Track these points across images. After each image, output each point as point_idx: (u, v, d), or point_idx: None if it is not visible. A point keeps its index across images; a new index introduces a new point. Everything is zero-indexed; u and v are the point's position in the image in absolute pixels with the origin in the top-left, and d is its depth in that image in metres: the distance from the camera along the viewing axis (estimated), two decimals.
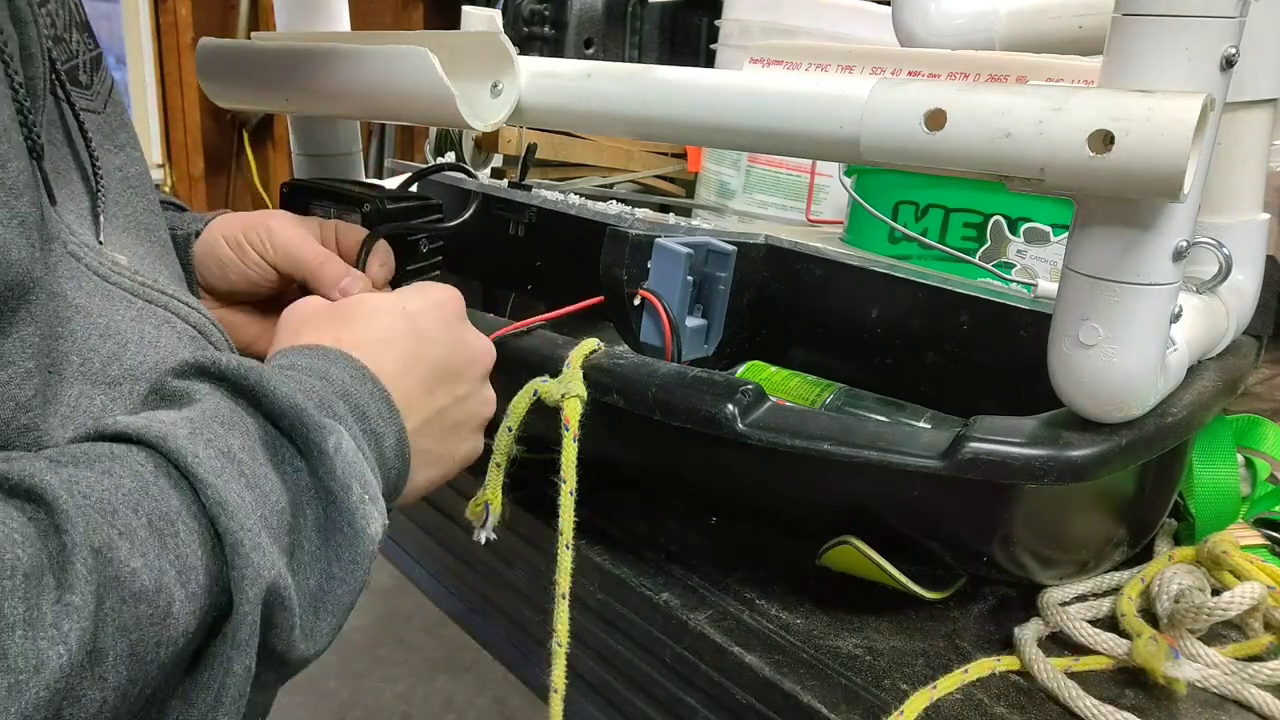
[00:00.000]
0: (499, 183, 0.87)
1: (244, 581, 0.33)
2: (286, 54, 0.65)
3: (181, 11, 2.82)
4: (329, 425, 0.39)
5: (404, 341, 0.47)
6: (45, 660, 0.28)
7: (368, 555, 0.39)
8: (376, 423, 0.43)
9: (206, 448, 0.35)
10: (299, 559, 0.37)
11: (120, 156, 0.51)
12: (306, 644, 0.37)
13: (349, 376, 0.43)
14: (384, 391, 0.44)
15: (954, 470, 0.46)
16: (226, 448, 0.36)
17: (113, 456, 0.34)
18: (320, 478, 0.38)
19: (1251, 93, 0.54)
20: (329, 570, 0.38)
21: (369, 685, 1.99)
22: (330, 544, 0.38)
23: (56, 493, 0.31)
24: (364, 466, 0.40)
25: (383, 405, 0.43)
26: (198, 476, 0.34)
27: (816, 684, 0.49)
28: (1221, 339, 0.57)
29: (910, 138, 0.45)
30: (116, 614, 0.30)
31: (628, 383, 0.53)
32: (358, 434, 0.41)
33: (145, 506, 0.33)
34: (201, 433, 0.36)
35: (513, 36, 1.24)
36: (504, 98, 0.61)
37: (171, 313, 0.47)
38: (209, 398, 0.38)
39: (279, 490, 0.37)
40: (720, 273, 0.66)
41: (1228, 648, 0.52)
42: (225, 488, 0.34)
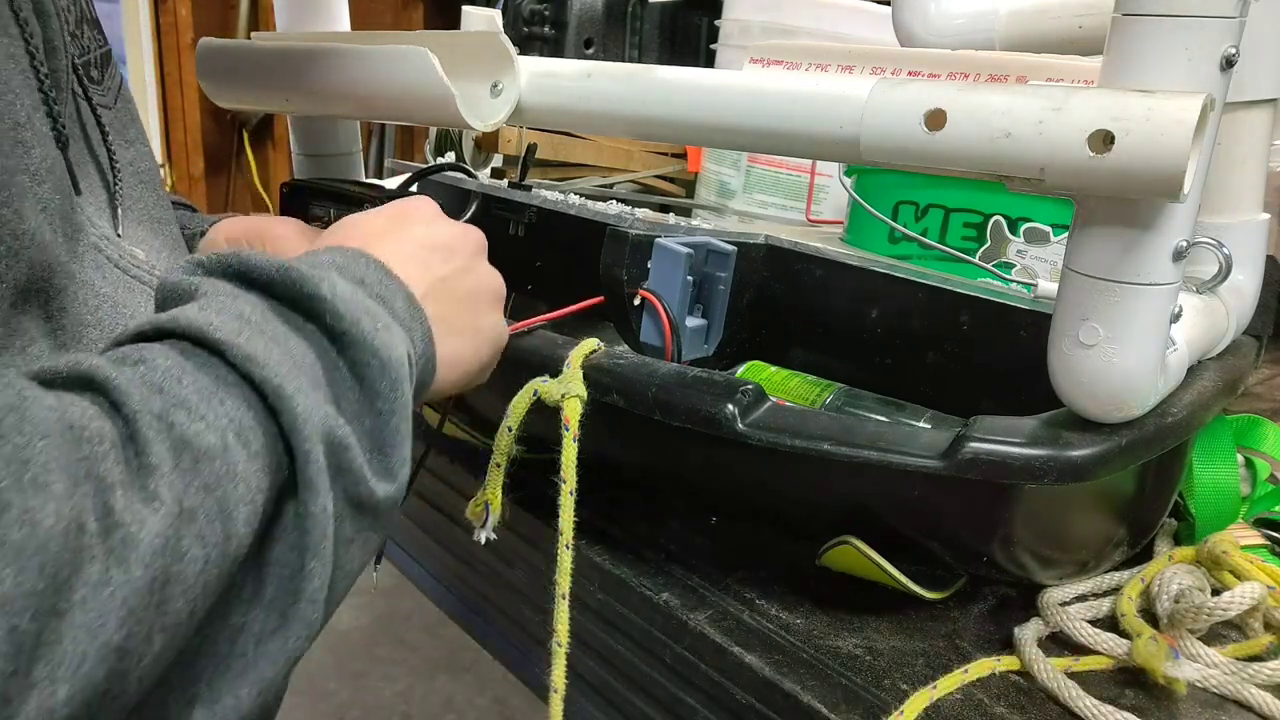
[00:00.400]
0: (499, 183, 0.87)
1: (297, 422, 0.34)
2: (286, 54, 0.65)
3: (181, 11, 2.82)
4: (318, 275, 0.38)
5: (389, 233, 0.47)
6: (146, 518, 0.29)
7: (404, 379, 0.39)
8: (377, 288, 0.42)
9: (219, 315, 0.35)
10: (346, 409, 0.37)
11: (131, 151, 0.52)
12: (383, 481, 0.37)
13: (341, 257, 0.43)
14: (379, 262, 0.43)
15: (954, 470, 0.46)
16: (239, 312, 0.36)
17: (138, 350, 0.34)
18: (330, 326, 0.38)
19: (1251, 93, 0.54)
20: (375, 407, 0.38)
21: (369, 685, 1.99)
22: (366, 383, 0.38)
23: (107, 373, 0.31)
24: (365, 299, 0.40)
25: (380, 273, 0.43)
26: (221, 340, 0.34)
27: (816, 684, 0.49)
28: (1221, 339, 0.57)
29: (910, 138, 0.45)
30: (194, 473, 0.31)
31: (628, 383, 0.53)
32: (350, 280, 0.41)
33: (186, 380, 0.33)
34: (211, 306, 0.36)
35: (513, 36, 1.24)
36: (504, 98, 0.61)
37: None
38: (205, 284, 0.38)
39: (303, 347, 0.37)
40: (720, 273, 0.66)
41: (1228, 648, 0.52)
42: (249, 344, 0.34)
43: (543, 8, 1.52)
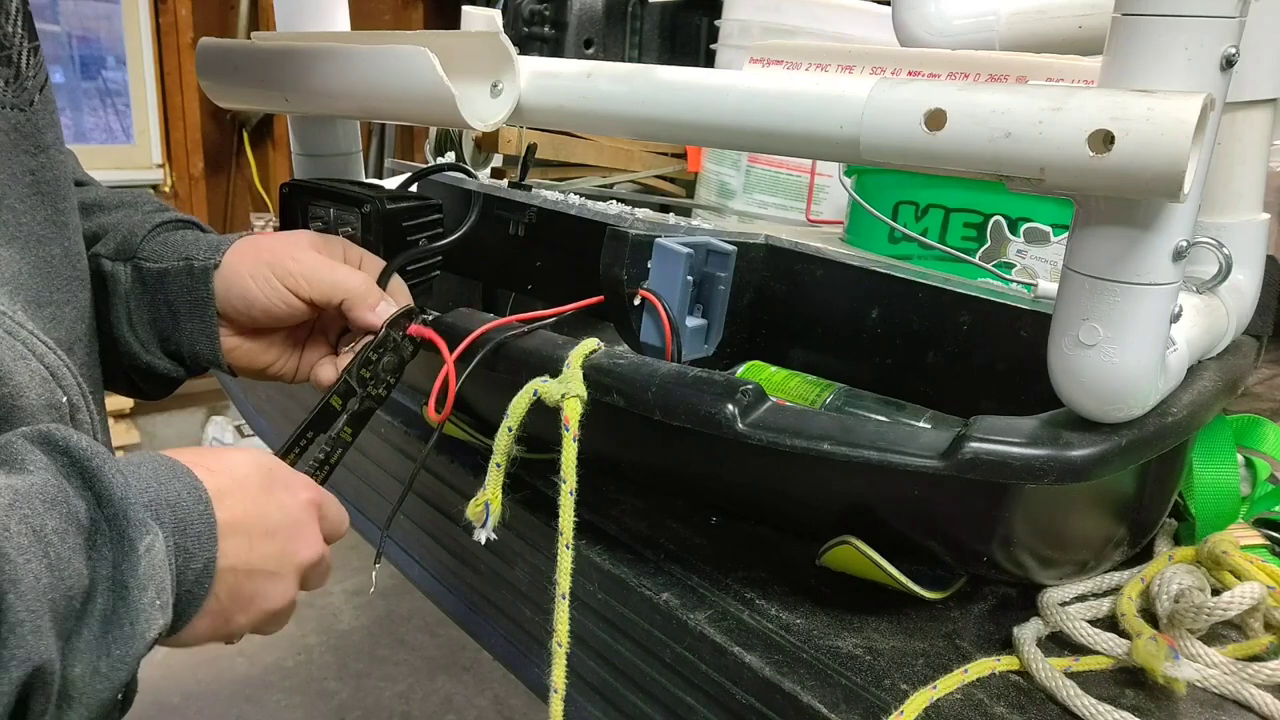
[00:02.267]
0: (499, 183, 0.87)
1: (12, 662, 0.34)
2: (286, 54, 0.65)
3: (181, 11, 2.82)
4: (149, 525, 0.39)
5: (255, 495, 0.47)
6: None
7: (135, 658, 0.39)
8: (192, 542, 0.43)
9: (20, 524, 0.35)
10: (74, 645, 0.37)
11: (39, 159, 0.50)
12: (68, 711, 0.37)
13: (186, 492, 0.43)
14: (211, 519, 0.44)
15: (954, 470, 0.46)
16: (40, 527, 0.36)
17: None
18: (121, 571, 0.38)
19: (1251, 93, 0.54)
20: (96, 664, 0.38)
21: (369, 685, 1.99)
22: (108, 637, 0.38)
23: None
24: (166, 574, 0.40)
25: (205, 530, 0.43)
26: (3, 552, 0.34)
27: (816, 684, 0.49)
28: (1221, 339, 0.57)
29: (910, 138, 0.45)
30: None
31: (628, 383, 0.53)
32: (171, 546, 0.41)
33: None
34: (19, 507, 0.36)
35: (513, 36, 1.24)
36: (504, 98, 0.61)
37: (28, 349, 0.46)
38: (42, 471, 0.38)
39: (81, 574, 0.37)
40: (720, 273, 0.66)
41: (1228, 648, 0.52)
42: (24, 566, 0.34)
43: (543, 8, 1.51)
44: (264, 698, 1.94)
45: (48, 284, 0.51)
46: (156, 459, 0.44)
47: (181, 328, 0.61)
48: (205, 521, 0.43)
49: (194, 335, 0.61)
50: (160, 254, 0.61)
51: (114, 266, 0.61)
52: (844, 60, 0.88)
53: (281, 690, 1.97)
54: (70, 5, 2.83)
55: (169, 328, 0.61)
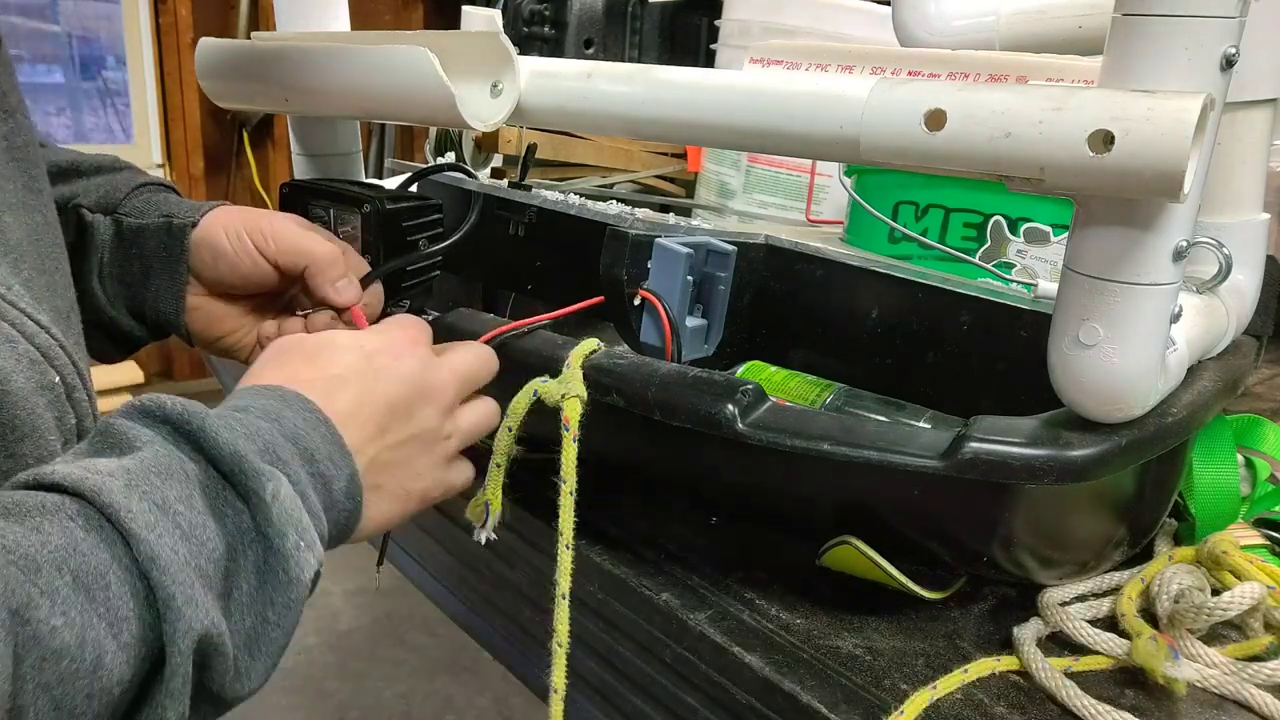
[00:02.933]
0: (499, 183, 0.87)
1: (176, 634, 0.34)
2: (286, 54, 0.65)
3: (181, 11, 2.82)
4: (267, 472, 0.39)
5: (357, 380, 0.47)
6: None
7: (300, 600, 0.39)
8: (326, 465, 0.43)
9: (141, 500, 0.35)
10: (236, 600, 0.38)
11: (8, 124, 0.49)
12: (241, 684, 0.37)
13: (301, 420, 0.43)
14: (336, 434, 0.44)
15: (954, 470, 0.46)
16: (162, 500, 0.36)
17: (43, 511, 0.34)
18: (258, 522, 0.38)
19: (1251, 93, 0.54)
20: (263, 614, 0.38)
21: (369, 685, 1.99)
22: (265, 587, 0.38)
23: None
24: (301, 513, 0.40)
25: (334, 449, 0.44)
26: (130, 531, 0.34)
27: (816, 684, 0.49)
28: (1221, 339, 0.57)
29: (910, 138, 0.45)
30: (36, 672, 0.31)
31: (628, 383, 0.53)
32: (304, 478, 0.41)
33: (72, 563, 0.33)
34: (138, 484, 0.36)
35: (513, 36, 1.24)
36: (504, 98, 0.61)
37: (18, 330, 0.45)
38: (150, 445, 0.38)
39: (216, 536, 0.37)
40: (720, 273, 0.66)
41: (1228, 648, 0.52)
42: (158, 542, 0.34)
43: (543, 8, 1.51)
44: (264, 698, 1.94)
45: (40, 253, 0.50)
46: (262, 393, 0.44)
47: (150, 285, 0.61)
48: (331, 441, 0.44)
49: (160, 293, 0.61)
50: (142, 210, 0.61)
51: (94, 218, 0.61)
52: (844, 60, 0.88)
53: (281, 690, 1.97)
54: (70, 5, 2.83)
55: (138, 285, 0.61)
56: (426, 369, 0.51)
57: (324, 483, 0.43)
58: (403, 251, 0.67)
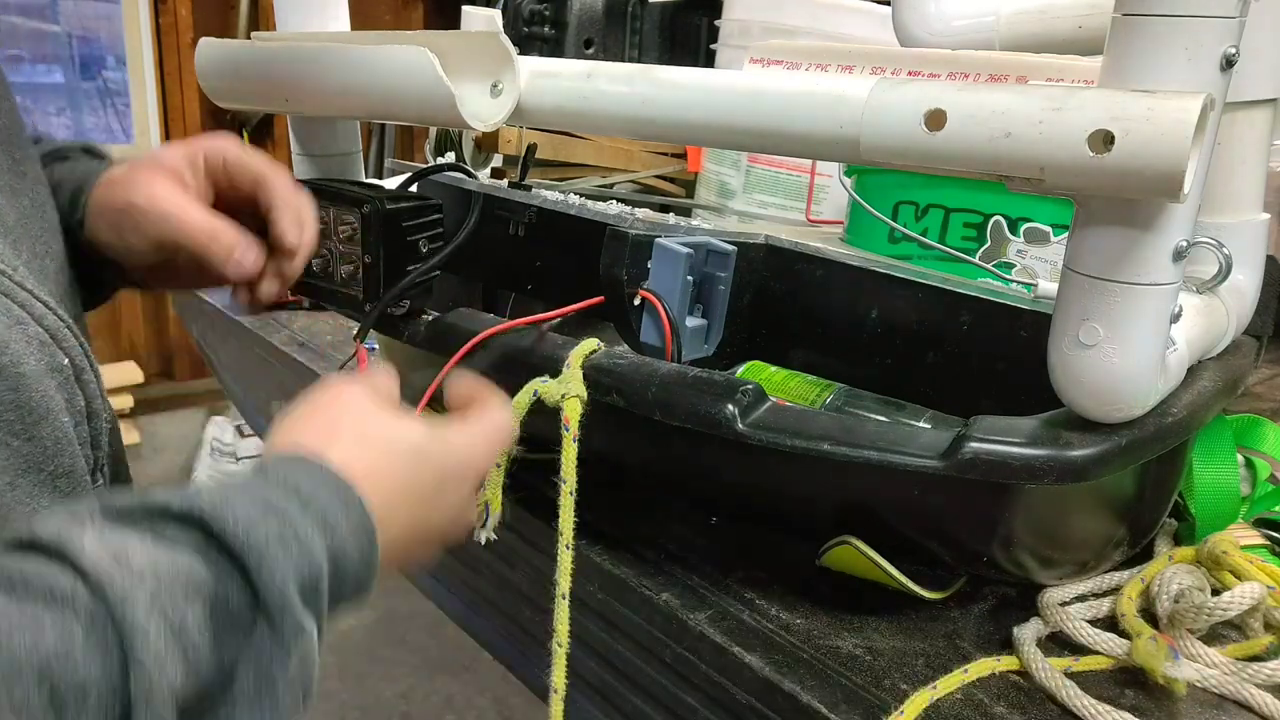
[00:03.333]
0: (499, 183, 0.87)
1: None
2: (286, 54, 0.65)
3: (181, 11, 2.82)
4: (304, 622, 0.37)
5: (416, 508, 0.45)
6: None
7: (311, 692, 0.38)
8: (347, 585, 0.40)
9: (159, 621, 0.33)
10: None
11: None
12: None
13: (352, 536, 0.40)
14: (372, 561, 0.41)
15: (954, 470, 0.46)
16: (180, 624, 0.33)
17: (50, 600, 0.31)
18: (270, 668, 0.36)
19: (1251, 93, 0.54)
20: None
21: (369, 685, 1.99)
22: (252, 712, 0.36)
23: None
24: (313, 664, 0.38)
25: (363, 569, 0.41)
26: (138, 661, 0.32)
27: (816, 684, 0.49)
28: (1221, 339, 0.57)
29: (910, 138, 0.45)
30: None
31: (628, 383, 0.53)
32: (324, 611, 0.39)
33: (57, 673, 0.30)
34: (160, 598, 0.33)
35: (513, 36, 1.24)
36: (504, 98, 0.61)
37: (26, 311, 0.44)
38: (188, 553, 0.35)
39: (214, 665, 0.35)
40: (720, 273, 0.66)
41: (1228, 648, 0.52)
42: (159, 678, 0.32)
43: (543, 8, 1.51)
44: None
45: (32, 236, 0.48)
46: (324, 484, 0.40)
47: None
48: (364, 562, 0.41)
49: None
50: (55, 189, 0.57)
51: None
52: (844, 60, 0.88)
53: None
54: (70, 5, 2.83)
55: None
56: (469, 507, 0.49)
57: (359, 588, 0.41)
58: (403, 251, 0.67)
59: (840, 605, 0.55)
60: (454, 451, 0.48)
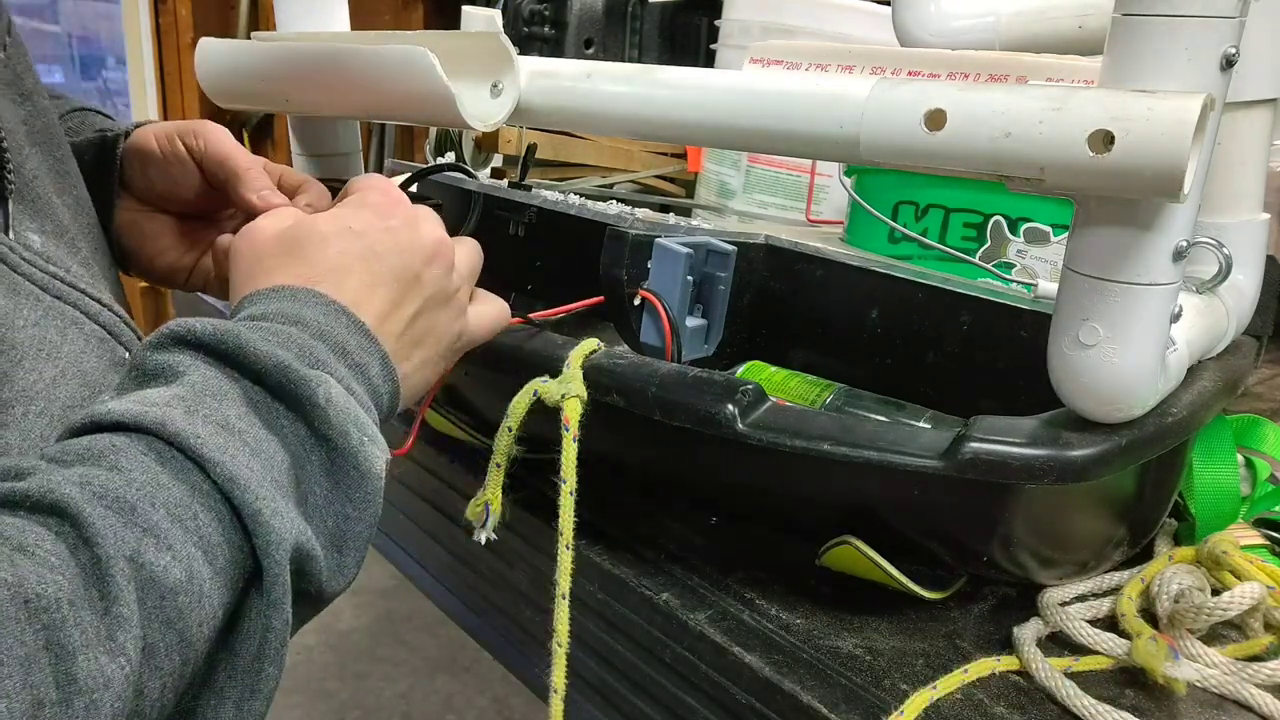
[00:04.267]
0: (499, 183, 0.87)
1: (270, 548, 0.35)
2: (286, 54, 0.65)
3: (181, 11, 2.82)
4: (315, 377, 0.39)
5: (359, 265, 0.47)
6: (111, 676, 0.29)
7: (377, 492, 0.40)
8: (358, 355, 0.43)
9: (206, 424, 0.35)
10: (312, 504, 0.38)
11: (25, 107, 0.49)
12: (337, 580, 0.39)
13: (322, 315, 0.43)
14: (358, 322, 0.44)
15: (954, 470, 0.46)
16: (224, 420, 0.36)
17: (116, 450, 0.34)
18: (316, 428, 0.39)
19: (1251, 93, 0.54)
20: (343, 511, 0.39)
21: (369, 685, 1.99)
22: (340, 487, 0.39)
23: (79, 505, 0.31)
24: (357, 409, 0.40)
25: (361, 338, 0.44)
26: (204, 457, 0.34)
27: (816, 684, 0.49)
28: (1221, 339, 0.57)
29: (910, 138, 0.45)
30: (159, 611, 0.32)
31: (628, 383, 0.53)
32: (344, 374, 0.41)
33: (160, 497, 0.33)
34: (198, 410, 0.36)
35: (513, 36, 1.24)
36: (504, 98, 0.61)
37: (81, 311, 0.46)
38: (194, 369, 0.38)
39: (280, 449, 0.38)
40: (720, 273, 0.66)
41: (1228, 648, 0.52)
42: (232, 462, 0.35)
43: (543, 8, 1.51)
44: None
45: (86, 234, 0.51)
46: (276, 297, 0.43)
47: None
48: (356, 330, 0.44)
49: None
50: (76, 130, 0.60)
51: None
52: (844, 60, 0.88)
53: (281, 690, 1.95)
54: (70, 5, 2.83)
55: None
56: (417, 230, 0.51)
57: (362, 373, 0.43)
58: None
59: (840, 605, 0.55)
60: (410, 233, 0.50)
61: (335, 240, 0.47)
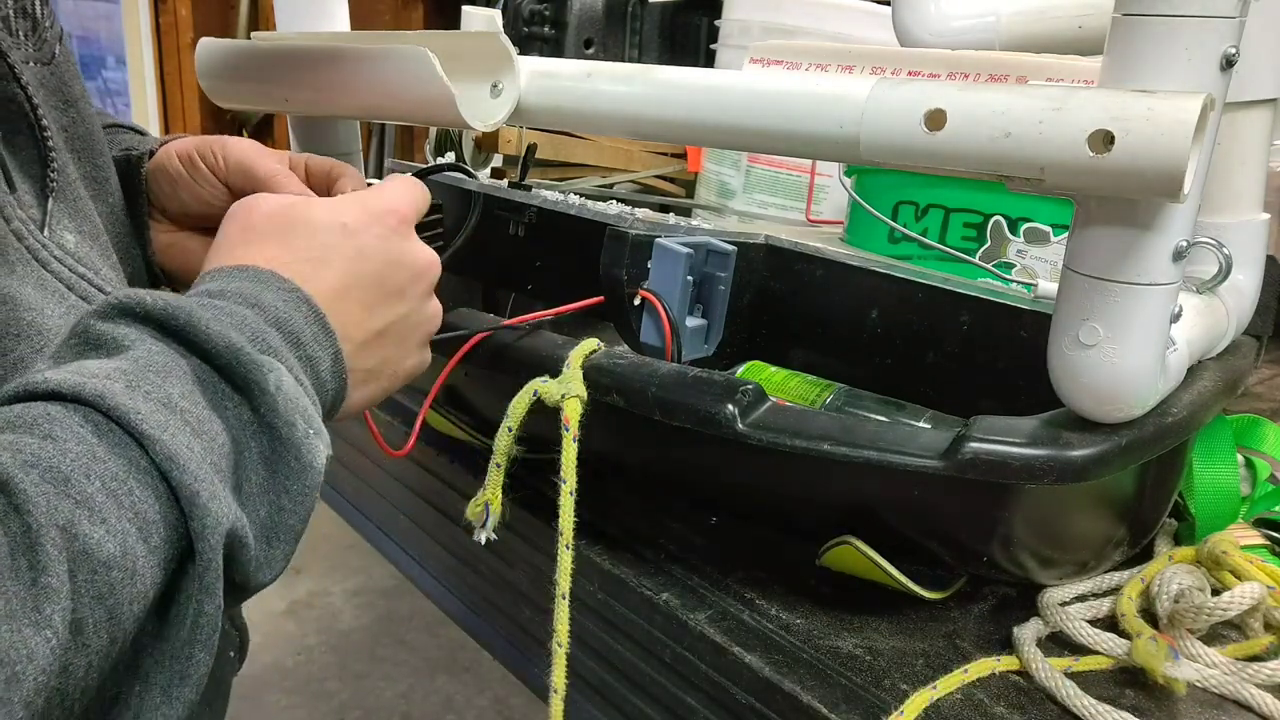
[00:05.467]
0: (499, 183, 0.87)
1: (205, 531, 0.34)
2: (286, 54, 0.65)
3: (181, 11, 2.82)
4: (266, 363, 0.38)
5: (341, 261, 0.46)
6: (35, 649, 0.28)
7: (315, 486, 0.39)
8: (311, 347, 0.42)
9: (147, 401, 0.35)
10: (247, 492, 0.37)
11: (69, 114, 0.49)
12: (262, 573, 0.38)
13: (282, 301, 0.42)
14: (319, 314, 0.43)
15: (954, 470, 0.46)
16: (166, 397, 0.35)
17: (51, 419, 0.33)
18: (262, 414, 0.38)
19: (1251, 93, 0.54)
20: (278, 502, 0.38)
21: (369, 685, 1.99)
22: (277, 476, 0.38)
23: (9, 471, 0.30)
24: (305, 401, 0.40)
25: (318, 329, 0.43)
26: (144, 434, 0.34)
27: (816, 684, 0.49)
28: (1221, 339, 0.57)
29: (910, 138, 0.45)
30: (90, 585, 0.31)
31: (628, 383, 0.53)
32: (294, 363, 0.41)
33: (96, 470, 0.32)
34: (139, 385, 0.35)
35: (513, 36, 1.24)
36: (504, 98, 0.61)
37: None
38: (139, 343, 0.37)
39: (221, 431, 0.37)
40: (720, 273, 0.66)
41: (1228, 648, 0.52)
42: (172, 441, 0.34)
43: (543, 8, 1.51)
44: (264, 698, 1.94)
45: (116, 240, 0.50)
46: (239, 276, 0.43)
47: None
48: (314, 322, 0.43)
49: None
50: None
51: None
52: (844, 60, 0.88)
53: (281, 690, 1.97)
54: (70, 5, 2.83)
55: None
56: (412, 247, 0.50)
57: (312, 366, 0.42)
58: None
59: (840, 605, 0.55)
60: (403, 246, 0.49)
61: (324, 232, 0.46)
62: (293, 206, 0.47)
